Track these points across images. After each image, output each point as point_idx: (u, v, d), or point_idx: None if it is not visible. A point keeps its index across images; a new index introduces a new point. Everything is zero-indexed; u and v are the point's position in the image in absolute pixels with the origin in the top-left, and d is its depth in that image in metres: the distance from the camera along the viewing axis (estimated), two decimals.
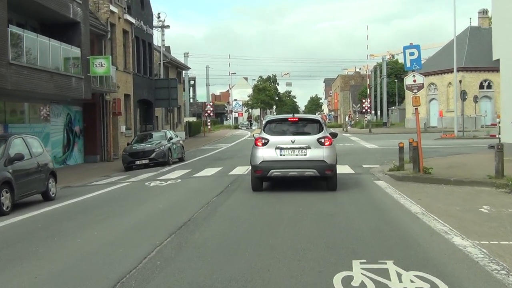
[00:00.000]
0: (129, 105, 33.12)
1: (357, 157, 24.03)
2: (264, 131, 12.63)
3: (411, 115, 60.67)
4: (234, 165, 21.25)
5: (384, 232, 7.89)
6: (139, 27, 34.94)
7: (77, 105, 27.74)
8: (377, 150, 28.43)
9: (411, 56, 14.99)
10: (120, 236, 8.37)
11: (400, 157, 17.07)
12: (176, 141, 26.15)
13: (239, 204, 11.01)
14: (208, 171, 19.48)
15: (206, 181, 16.07)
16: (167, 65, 44.93)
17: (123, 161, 23.73)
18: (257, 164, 12.30)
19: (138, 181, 17.53)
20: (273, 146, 12.19)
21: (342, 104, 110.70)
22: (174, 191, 14.17)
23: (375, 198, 11.51)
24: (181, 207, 11.02)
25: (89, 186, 17.53)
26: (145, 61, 37.03)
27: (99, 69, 24.49)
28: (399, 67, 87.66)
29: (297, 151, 12.12)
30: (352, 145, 33.92)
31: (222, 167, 20.57)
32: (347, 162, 20.69)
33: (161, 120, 42.17)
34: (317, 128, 12.54)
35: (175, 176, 18.31)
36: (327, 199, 11.43)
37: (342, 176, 15.46)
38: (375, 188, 13.22)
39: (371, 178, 15.58)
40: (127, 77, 32.64)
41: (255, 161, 12.36)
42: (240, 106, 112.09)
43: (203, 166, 21.98)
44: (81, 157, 28.28)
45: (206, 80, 68.19)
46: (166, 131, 26.01)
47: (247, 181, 15.22)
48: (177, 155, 25.70)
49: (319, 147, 12.13)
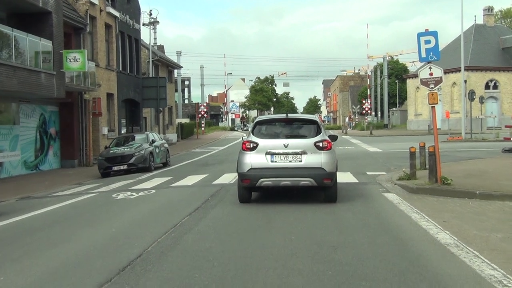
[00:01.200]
0: (113, 105, 30.68)
1: (360, 162, 21.63)
2: (252, 134, 10.93)
3: (413, 116, 58.38)
4: (221, 171, 18.85)
5: (412, 282, 5.47)
6: (124, 21, 32.50)
7: (53, 105, 25.30)
8: (380, 154, 26.01)
9: (426, 44, 12.59)
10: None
11: (411, 164, 14.71)
12: (160, 144, 23.71)
13: (214, 230, 8.55)
14: (191, 179, 17.06)
15: (184, 193, 13.64)
16: (156, 63, 42.45)
17: (99, 166, 21.28)
18: (245, 172, 10.60)
19: (107, 191, 15.09)
20: (263, 151, 10.53)
21: (341, 106, 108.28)
22: (141, 206, 11.73)
23: (388, 220, 9.07)
24: (139, 232, 8.56)
25: (50, 197, 15.09)
26: (132, 58, 34.60)
27: (73, 65, 22.04)
28: (399, 67, 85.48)
29: (290, 157, 10.49)
30: (353, 148, 31.49)
31: (208, 174, 18.15)
32: (348, 168, 18.30)
33: (150, 121, 39.74)
34: (314, 130, 10.88)
35: (151, 185, 15.88)
36: (328, 221, 9.01)
37: (344, 187, 13.10)
38: (386, 204, 10.80)
39: (379, 189, 13.17)
40: (110, 75, 30.20)
41: (242, 168, 10.65)
42: (237, 107, 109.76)
43: (187, 172, 19.55)
44: (57, 161, 25.84)
45: (201, 80, 65.70)
46: (148, 133, 23.55)
47: (231, 192, 12.83)
48: (160, 160, 23.26)
49: (316, 152, 10.49)
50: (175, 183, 16.15)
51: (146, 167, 21.26)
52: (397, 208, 10.21)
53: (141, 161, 21.12)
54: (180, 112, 58.02)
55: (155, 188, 14.88)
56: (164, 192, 14.06)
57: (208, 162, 24.90)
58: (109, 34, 30.48)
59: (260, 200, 11.65)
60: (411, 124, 58.19)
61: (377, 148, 29.84)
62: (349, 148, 31.03)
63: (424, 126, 55.78)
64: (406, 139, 40.13)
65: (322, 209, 10.11)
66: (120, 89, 31.70)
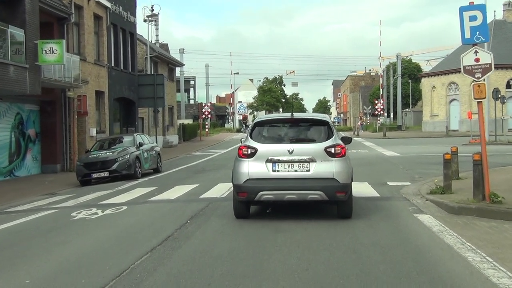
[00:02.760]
0: (103, 103, 27.95)
1: (377, 169, 18.80)
2: (251, 137, 9.09)
3: (429, 117, 55.32)
4: (215, 180, 16.07)
5: None
6: (116, 12, 29.77)
7: (32, 103, 22.61)
8: (399, 159, 23.09)
9: (471, 21, 9.74)
10: None
11: (446, 175, 11.87)
12: (149, 147, 20.92)
13: (177, 285, 5.69)
14: (177, 190, 14.27)
15: (160, 211, 10.84)
16: (155, 60, 39.66)
17: (77, 173, 18.55)
18: (241, 183, 8.77)
19: (71, 207, 12.32)
20: (263, 158, 8.75)
21: (352, 106, 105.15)
22: (95, 233, 8.90)
23: (435, 265, 6.19)
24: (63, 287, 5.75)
25: (1, 213, 12.36)
26: (126, 54, 31.86)
27: (49, 57, 19.33)
28: (412, 66, 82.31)
29: (296, 165, 8.69)
30: (366, 152, 28.58)
31: (198, 184, 15.35)
32: (365, 176, 15.51)
33: (148, 122, 37.00)
34: (325, 133, 9.06)
35: (127, 199, 13.09)
36: (347, 263, 6.16)
37: (363, 203, 10.38)
38: (423, 233, 7.93)
39: (408, 207, 10.34)
40: (100, 71, 27.48)
41: (238, 179, 8.84)
42: (245, 108, 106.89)
43: (176, 181, 16.79)
44: (37, 166, 23.14)
45: (206, 79, 62.85)
46: (136, 135, 20.74)
47: (219, 212, 10.08)
48: (149, 166, 20.48)
49: (327, 159, 8.71)
50: (156, 196, 13.36)
51: (131, 174, 18.52)
52: (440, 241, 7.35)
53: (124, 167, 18.37)
54: (183, 112, 55.22)
55: (129, 204, 12.07)
56: (137, 210, 11.25)
57: (205, 168, 22.10)
58: (99, 26, 27.76)
59: (257, 220, 8.84)
60: (427, 125, 55.05)
61: (394, 152, 26.90)
62: (363, 152, 28.12)
63: (440, 127, 52.70)
64: (423, 142, 37.22)
65: (339, 243, 7.27)
66: (112, 86, 28.98)
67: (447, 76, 52.81)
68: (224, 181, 15.68)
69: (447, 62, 54.84)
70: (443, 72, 53.28)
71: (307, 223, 8.68)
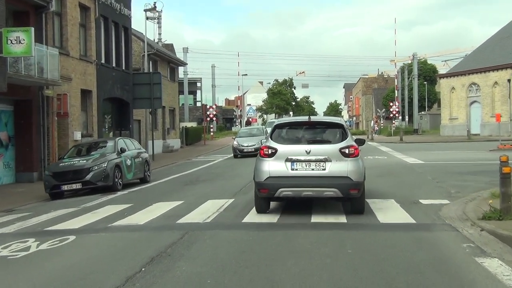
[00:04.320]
0: (90, 104, 25.09)
1: (402, 180, 15.75)
2: (271, 139, 9.99)
3: (448, 120, 52.01)
4: (205, 196, 13.12)
5: None
6: (107, 4, 26.91)
7: (3, 103, 19.80)
8: (424, 167, 19.99)
9: None
10: None
11: (504, 194, 8.87)
12: (135, 154, 17.99)
13: None
14: (153, 210, 11.30)
15: (114, 247, 7.88)
16: (154, 58, 36.78)
17: (45, 185, 15.67)
18: (262, 181, 9.60)
19: (5, 235, 9.40)
20: (283, 157, 9.57)
21: (364, 109, 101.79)
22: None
23: None
24: None
25: None
26: (119, 50, 29.01)
27: (15, 48, 16.48)
28: (428, 68, 78.78)
29: (313, 164, 9.51)
30: (385, 158, 25.42)
31: (183, 201, 12.36)
32: (390, 191, 12.58)
33: (145, 125, 34.12)
34: (339, 135, 9.89)
35: (85, 222, 10.15)
36: None
37: (399, 236, 7.54)
38: None
39: (460, 242, 7.45)
40: (87, 67, 24.63)
41: (259, 177, 9.67)
42: (254, 111, 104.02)
43: (159, 196, 13.86)
44: (10, 175, 20.31)
45: (212, 80, 59.87)
46: (118, 140, 17.79)
47: (194, 249, 7.20)
48: (134, 175, 17.58)
49: (342, 159, 9.46)
50: (124, 218, 10.41)
51: (108, 185, 15.60)
52: None
53: (100, 178, 15.46)
54: (186, 115, 52.22)
55: (80, 232, 9.10)
56: (84, 243, 8.28)
57: (199, 178, 19.12)
58: (86, 17, 24.93)
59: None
60: (445, 129, 51.64)
61: (416, 159, 23.73)
62: (381, 159, 24.99)
63: (460, 131, 49.35)
64: (445, 147, 33.85)
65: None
66: (102, 85, 26.13)
67: (468, 76, 49.45)
68: (215, 196, 12.75)
69: (467, 62, 51.47)
70: (463, 72, 49.90)
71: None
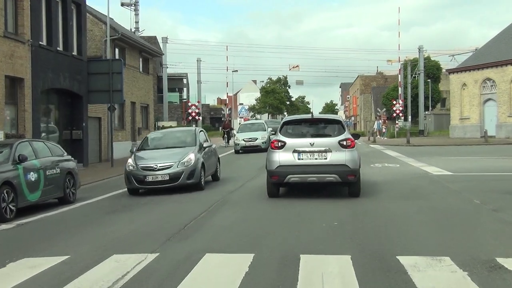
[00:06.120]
0: (21, 96, 19.56)
1: (437, 207, 10.41)
2: (280, 133, 11.90)
3: (458, 121, 46.55)
4: (116, 243, 7.63)
5: None
6: None
7: None
8: (456, 181, 14.61)
9: None
10: None
11: None
12: (48, 164, 12.48)
13: None
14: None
15: None
16: (122, 45, 31.11)
17: None
18: (273, 169, 11.59)
19: None
20: (291, 149, 11.52)
21: (363, 109, 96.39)
22: None
23: None
24: None
25: None
26: (67, 30, 23.44)
27: None
28: (431, 65, 73.25)
29: (316, 154, 11.43)
30: (397, 166, 19.89)
31: (69, 256, 6.91)
32: (428, 233, 7.40)
33: (108, 123, 28.53)
34: (338, 130, 11.88)
35: None
36: None
37: None
38: None
39: None
40: (16, 48, 19.11)
41: (271, 166, 11.65)
42: (246, 110, 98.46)
43: (48, 238, 8.61)
44: None
45: (197, 76, 54.26)
46: (16, 144, 12.19)
47: None
48: (43, 195, 12.08)
49: (340, 150, 11.43)
50: None
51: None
52: None
53: None
54: (165, 113, 46.52)
55: None
56: None
57: (140, 200, 13.59)
58: None
59: None
60: (455, 130, 46.17)
61: (440, 168, 18.27)
62: (393, 168, 19.49)
63: (472, 132, 44.00)
64: (465, 152, 28.20)
65: None
66: (40, 72, 20.61)
67: (481, 71, 44.05)
68: (131, 245, 7.28)
69: (481, 56, 46.04)
70: (476, 66, 44.46)
71: None
